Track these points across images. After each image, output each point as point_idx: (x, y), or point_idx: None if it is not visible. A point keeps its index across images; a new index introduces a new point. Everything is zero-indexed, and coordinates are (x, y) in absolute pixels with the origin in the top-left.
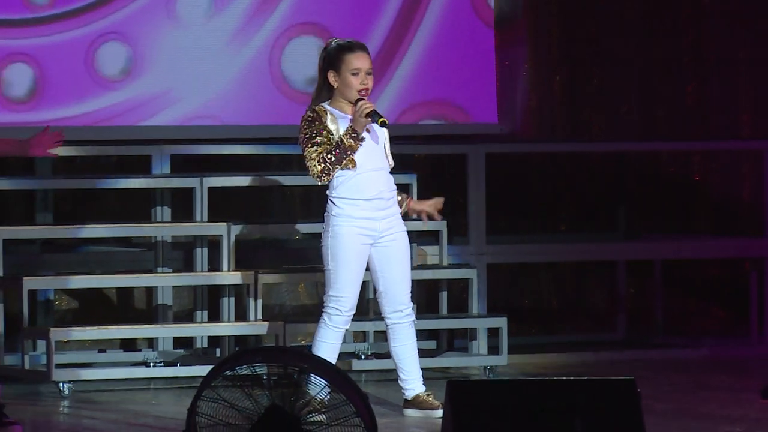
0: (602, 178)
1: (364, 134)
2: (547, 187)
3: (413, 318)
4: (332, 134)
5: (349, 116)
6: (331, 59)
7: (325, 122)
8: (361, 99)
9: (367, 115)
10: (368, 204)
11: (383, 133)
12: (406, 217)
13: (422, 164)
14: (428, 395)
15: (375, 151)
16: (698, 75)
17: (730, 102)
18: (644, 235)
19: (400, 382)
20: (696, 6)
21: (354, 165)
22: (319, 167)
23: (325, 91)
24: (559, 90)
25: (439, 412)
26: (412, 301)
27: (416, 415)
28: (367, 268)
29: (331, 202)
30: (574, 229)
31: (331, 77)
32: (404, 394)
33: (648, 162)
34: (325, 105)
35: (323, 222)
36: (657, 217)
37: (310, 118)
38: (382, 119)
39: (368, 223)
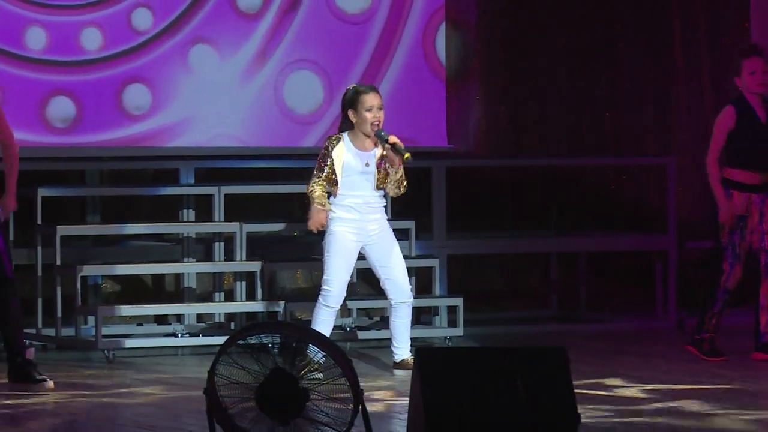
0: (538, 186)
1: (359, 168)
2: (495, 194)
3: (412, 300)
4: (334, 165)
5: (360, 151)
6: (351, 100)
7: (332, 153)
8: (382, 134)
9: (393, 144)
10: (357, 210)
11: (373, 167)
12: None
13: None
14: (412, 359)
15: (363, 181)
16: (613, 105)
17: (638, 126)
18: (571, 232)
19: (392, 347)
20: (611, 49)
21: (335, 193)
22: (308, 190)
23: (345, 125)
24: (504, 117)
25: None
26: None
27: (402, 374)
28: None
29: (331, 209)
30: (516, 228)
31: (351, 115)
32: (394, 357)
33: (574, 174)
34: (345, 135)
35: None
36: (581, 218)
37: (324, 149)
38: (407, 155)
39: (359, 224)
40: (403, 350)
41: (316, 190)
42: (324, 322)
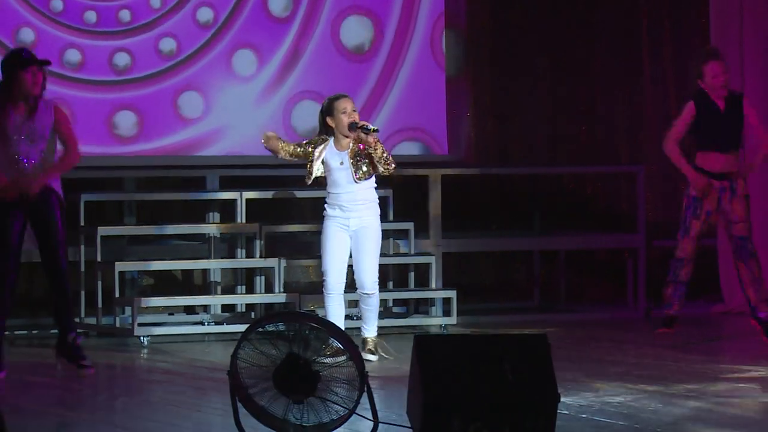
0: (522, 191)
1: (335, 166)
2: (484, 198)
3: (373, 292)
4: (309, 152)
5: (338, 151)
6: (327, 109)
7: (316, 146)
8: (355, 125)
9: (361, 127)
10: (341, 207)
11: (347, 163)
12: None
13: (396, 183)
14: (373, 340)
15: (342, 178)
16: (589, 119)
17: (612, 138)
18: (552, 232)
19: (362, 327)
20: (587, 69)
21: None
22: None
23: (323, 133)
24: (492, 130)
25: (368, 356)
26: (379, 279)
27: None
28: None
29: (324, 206)
30: (503, 228)
31: (329, 121)
32: (362, 334)
33: (555, 180)
34: (331, 140)
35: None
36: (561, 219)
37: (313, 139)
38: (372, 128)
39: (342, 220)
40: (369, 331)
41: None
42: (330, 306)
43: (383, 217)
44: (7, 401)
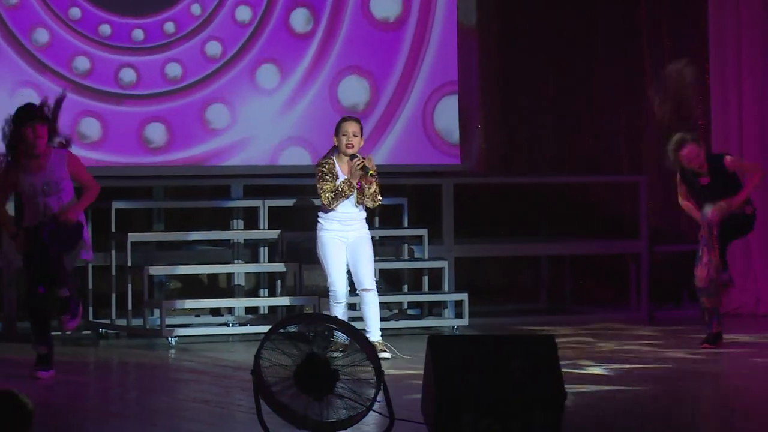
0: (530, 199)
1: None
2: (494, 206)
3: (372, 288)
4: (335, 179)
5: (343, 175)
6: (336, 128)
7: (335, 171)
8: (356, 157)
9: (361, 167)
10: (340, 222)
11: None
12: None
13: (411, 192)
14: (380, 343)
15: (345, 200)
16: (593, 130)
17: (615, 149)
18: (558, 238)
19: (365, 333)
20: (591, 84)
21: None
22: (330, 197)
23: (333, 149)
24: (501, 142)
25: (383, 355)
26: (378, 282)
27: None
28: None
29: (319, 221)
30: (512, 234)
31: (335, 139)
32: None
33: (560, 189)
34: (334, 159)
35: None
36: (567, 226)
37: (324, 168)
38: (370, 171)
39: (341, 232)
40: (373, 335)
41: (328, 186)
42: (339, 315)
43: (399, 224)
44: (37, 399)
